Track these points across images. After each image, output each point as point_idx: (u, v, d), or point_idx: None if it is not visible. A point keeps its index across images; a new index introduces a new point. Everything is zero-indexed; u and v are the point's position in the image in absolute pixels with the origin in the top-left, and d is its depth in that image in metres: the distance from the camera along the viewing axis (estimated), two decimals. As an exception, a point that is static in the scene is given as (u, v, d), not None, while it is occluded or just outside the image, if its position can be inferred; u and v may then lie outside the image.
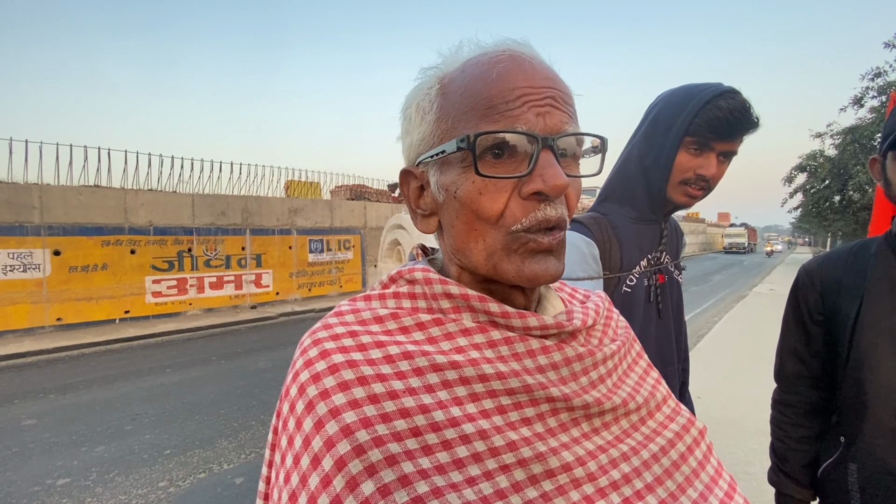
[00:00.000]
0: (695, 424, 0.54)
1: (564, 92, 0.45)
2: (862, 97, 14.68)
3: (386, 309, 0.47)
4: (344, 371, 0.40)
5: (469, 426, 0.39)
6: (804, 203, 19.25)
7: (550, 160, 0.42)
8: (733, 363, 5.59)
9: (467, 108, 0.44)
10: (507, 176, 0.43)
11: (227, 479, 3.28)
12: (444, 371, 0.42)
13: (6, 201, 8.04)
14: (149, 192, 9.85)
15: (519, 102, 0.42)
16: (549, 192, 0.42)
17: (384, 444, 0.36)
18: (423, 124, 0.47)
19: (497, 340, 0.45)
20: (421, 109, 0.47)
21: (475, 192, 0.43)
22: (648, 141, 1.03)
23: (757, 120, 0.93)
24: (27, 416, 4.57)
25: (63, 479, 3.33)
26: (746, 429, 3.69)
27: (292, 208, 12.12)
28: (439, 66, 0.48)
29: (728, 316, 9.05)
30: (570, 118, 0.44)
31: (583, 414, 0.46)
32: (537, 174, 0.42)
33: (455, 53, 0.48)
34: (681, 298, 1.18)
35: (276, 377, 5.66)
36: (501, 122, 0.42)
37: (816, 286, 1.04)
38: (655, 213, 1.07)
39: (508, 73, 0.43)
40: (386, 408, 0.38)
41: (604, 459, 0.44)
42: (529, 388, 0.43)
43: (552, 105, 0.43)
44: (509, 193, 0.43)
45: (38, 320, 8.31)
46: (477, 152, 0.42)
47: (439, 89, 0.46)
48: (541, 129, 0.42)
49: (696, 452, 0.51)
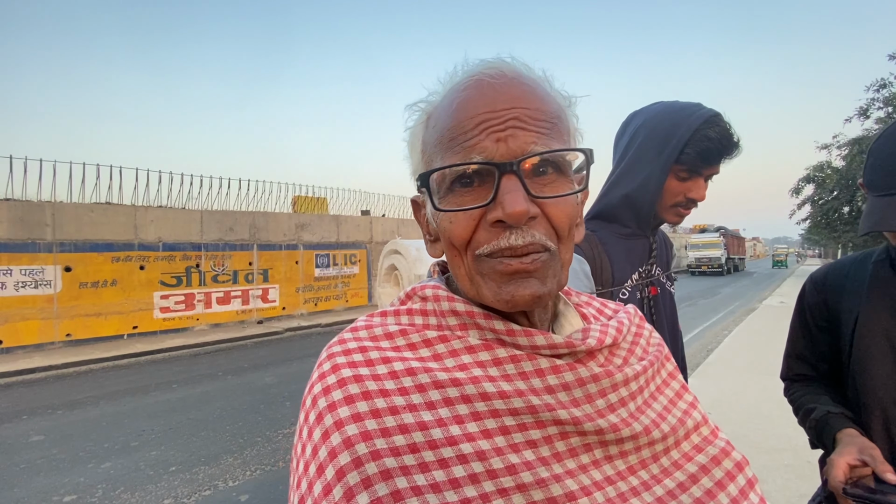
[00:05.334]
0: (730, 455, 0.48)
1: (535, 108, 0.43)
2: (868, 108, 14.67)
3: (398, 325, 0.48)
4: (350, 385, 0.41)
5: (467, 446, 0.39)
6: (813, 214, 19.10)
7: (510, 186, 0.41)
8: (744, 377, 5.50)
9: (436, 141, 0.45)
10: (463, 208, 0.43)
11: (232, 496, 3.26)
12: (445, 388, 0.42)
13: (20, 218, 8.19)
14: (158, 208, 9.99)
15: (477, 131, 0.42)
16: (507, 220, 0.41)
17: (381, 458, 0.37)
18: (413, 156, 0.49)
19: (503, 358, 0.44)
20: (411, 142, 0.50)
21: (446, 222, 0.45)
22: (634, 168, 1.05)
23: (739, 143, 0.98)
24: (35, 431, 4.59)
25: (70, 496, 3.33)
26: (759, 445, 3.62)
27: (299, 223, 12.22)
28: (429, 98, 0.49)
29: (738, 329, 8.93)
30: (539, 136, 0.43)
31: (596, 440, 0.43)
32: (498, 202, 0.41)
33: (449, 81, 0.48)
34: (674, 309, 1.19)
35: (281, 393, 5.65)
36: (461, 153, 0.43)
37: (821, 293, 1.07)
38: (643, 229, 1.09)
39: (469, 101, 0.43)
40: (386, 423, 0.39)
41: (611, 492, 0.41)
42: (534, 409, 0.41)
43: (516, 126, 0.42)
44: (477, 221, 0.43)
45: (47, 336, 8.38)
46: (438, 186, 0.44)
47: (425, 122, 0.48)
48: (501, 154, 0.42)
49: (730, 487, 0.45)
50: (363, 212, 14.52)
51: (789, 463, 3.28)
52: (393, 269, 9.69)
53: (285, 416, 4.83)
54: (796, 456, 3.36)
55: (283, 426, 4.54)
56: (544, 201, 0.43)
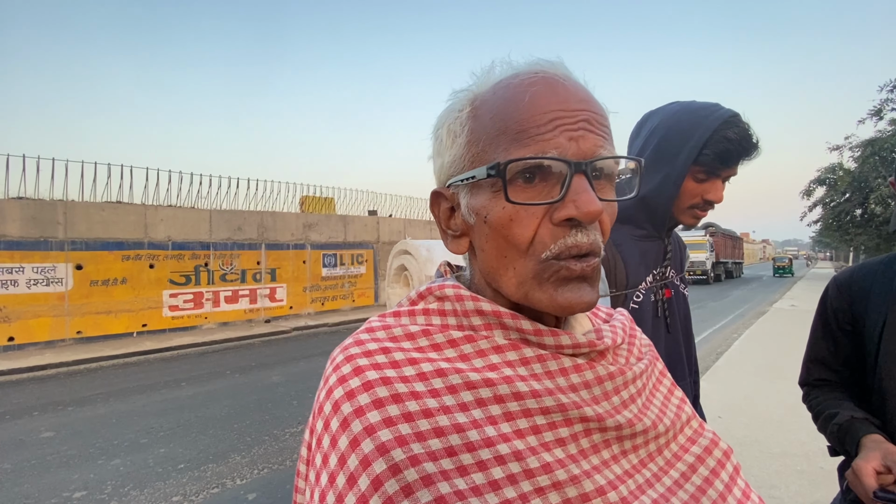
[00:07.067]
0: (718, 445, 0.52)
1: (599, 113, 0.44)
2: (881, 109, 14.47)
3: (416, 325, 0.47)
4: (378, 388, 0.39)
5: (504, 446, 0.38)
6: (824, 217, 18.87)
7: (583, 185, 0.41)
8: (754, 381, 5.43)
9: (498, 132, 0.43)
10: (538, 202, 0.42)
11: (239, 494, 3.27)
12: (477, 389, 0.41)
13: (32, 217, 8.31)
14: (168, 207, 10.09)
15: (551, 126, 0.41)
16: (582, 219, 0.41)
17: (420, 463, 0.35)
18: (453, 147, 0.47)
19: (530, 358, 0.44)
20: (452, 132, 0.47)
21: (506, 219, 0.43)
22: (650, 170, 1.03)
23: (758, 144, 0.96)
24: (46, 427, 4.64)
25: (80, 492, 3.36)
26: (770, 450, 3.57)
27: (307, 223, 12.28)
28: (471, 88, 0.47)
29: (748, 333, 8.83)
30: (604, 140, 0.43)
31: (615, 435, 0.45)
32: (570, 200, 0.41)
33: (487, 74, 0.47)
34: (688, 312, 1.18)
35: (288, 392, 5.67)
36: (533, 146, 0.41)
37: (846, 296, 1.04)
38: (658, 231, 1.07)
39: (541, 96, 0.42)
40: (420, 426, 0.37)
41: (631, 485, 0.43)
42: (564, 408, 0.42)
43: (586, 128, 0.42)
44: (540, 219, 0.42)
45: (58, 333, 8.49)
46: (507, 178, 0.42)
47: (470, 111, 0.46)
48: (573, 153, 0.41)
49: (722, 475, 0.49)
50: (370, 212, 14.56)
51: (802, 469, 3.23)
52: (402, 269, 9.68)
53: (292, 414, 4.85)
54: (809, 462, 3.31)
55: (290, 425, 4.55)
56: (603, 204, 0.43)
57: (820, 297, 1.11)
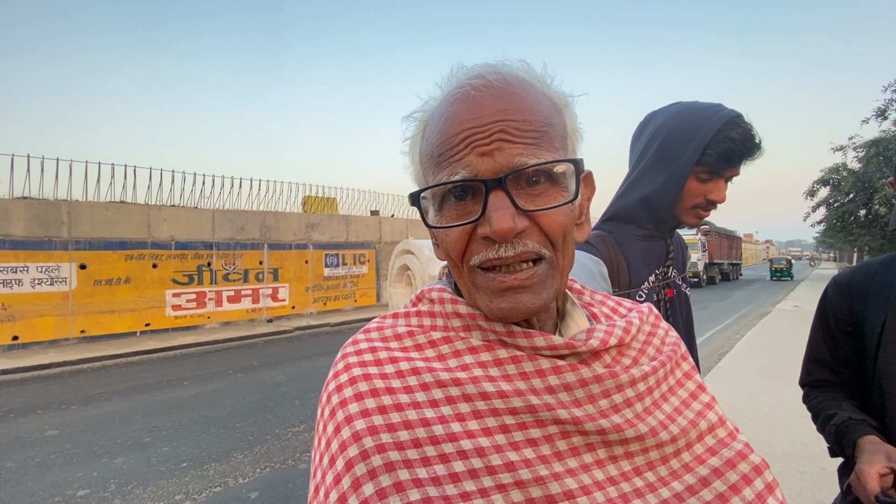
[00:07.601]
0: (747, 458, 0.46)
1: (522, 119, 0.43)
2: (885, 109, 14.41)
3: (406, 327, 0.50)
4: (360, 383, 0.43)
5: (467, 442, 0.40)
6: (828, 217, 18.80)
7: (497, 203, 0.41)
8: (757, 382, 5.42)
9: (428, 156, 0.46)
10: (454, 224, 0.44)
11: (242, 493, 3.28)
12: (447, 387, 0.43)
13: (37, 217, 8.35)
14: (171, 207, 10.13)
15: (462, 146, 0.42)
16: (494, 238, 0.42)
17: (385, 451, 0.39)
18: (413, 166, 0.51)
19: (503, 359, 0.45)
20: (410, 153, 0.51)
21: (442, 234, 0.46)
22: (653, 170, 1.04)
23: (761, 144, 0.97)
24: (49, 426, 4.67)
25: (83, 490, 3.38)
26: (773, 451, 3.56)
27: (309, 223, 12.30)
28: (426, 106, 0.49)
29: (751, 333, 8.79)
30: (528, 147, 0.42)
31: (599, 440, 0.43)
32: (486, 218, 0.42)
33: (445, 86, 0.48)
34: (690, 312, 1.18)
35: (290, 391, 5.68)
36: (448, 168, 0.43)
37: (846, 296, 1.04)
38: (661, 230, 1.08)
39: (455, 116, 0.43)
40: (392, 419, 0.41)
41: (613, 492, 0.41)
42: (534, 409, 0.42)
43: (502, 139, 0.42)
44: (469, 233, 0.44)
45: (62, 332, 8.53)
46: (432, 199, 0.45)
47: (422, 132, 0.48)
48: (485, 169, 0.42)
49: (745, 492, 0.44)
50: (372, 212, 14.57)
51: (804, 470, 3.22)
52: (405, 269, 9.68)
53: (294, 414, 4.87)
54: (812, 463, 3.30)
55: (292, 424, 4.57)
56: (535, 213, 0.43)
57: (820, 297, 1.11)
